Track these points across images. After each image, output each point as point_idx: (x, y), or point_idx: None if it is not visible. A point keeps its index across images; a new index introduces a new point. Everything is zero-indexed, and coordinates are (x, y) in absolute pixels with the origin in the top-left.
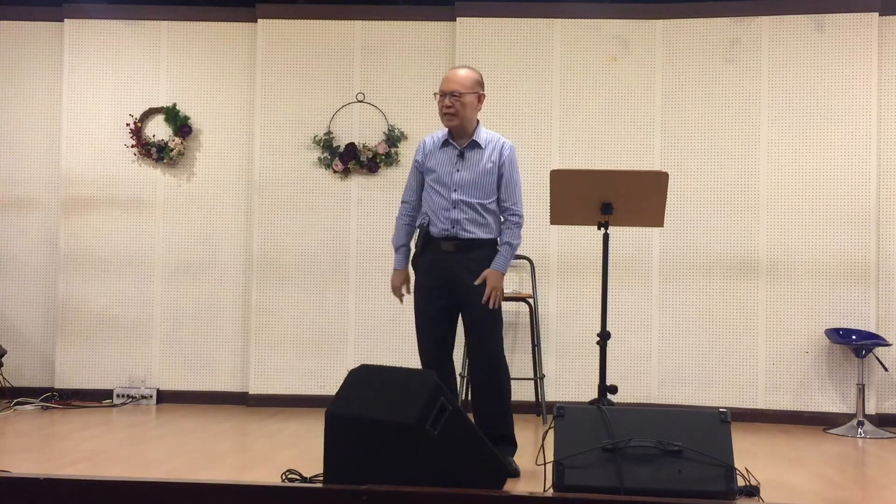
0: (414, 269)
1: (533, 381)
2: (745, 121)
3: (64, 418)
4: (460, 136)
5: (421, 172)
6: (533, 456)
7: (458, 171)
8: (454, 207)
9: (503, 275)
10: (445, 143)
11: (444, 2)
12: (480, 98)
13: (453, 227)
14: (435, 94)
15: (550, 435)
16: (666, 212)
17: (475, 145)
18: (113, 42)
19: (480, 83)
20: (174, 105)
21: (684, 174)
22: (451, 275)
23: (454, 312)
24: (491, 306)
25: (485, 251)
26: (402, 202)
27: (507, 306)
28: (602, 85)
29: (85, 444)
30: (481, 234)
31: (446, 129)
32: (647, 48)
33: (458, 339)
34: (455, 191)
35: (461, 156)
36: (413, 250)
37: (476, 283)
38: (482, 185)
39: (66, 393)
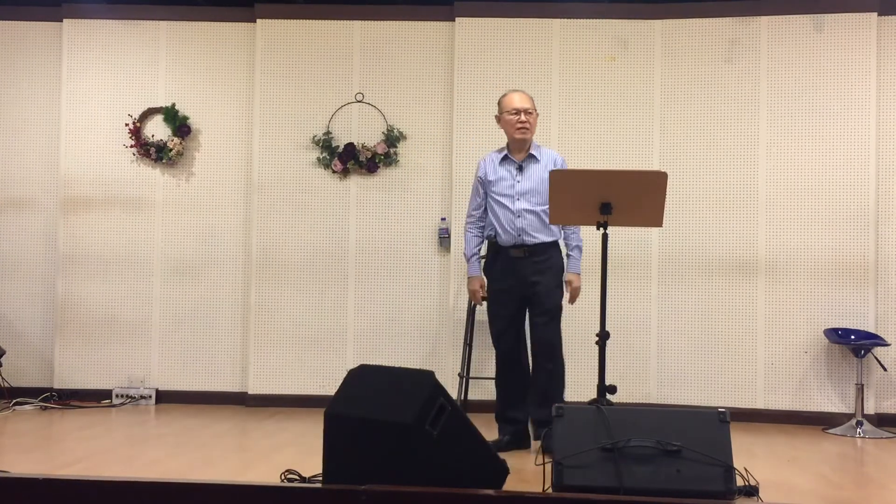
0: (487, 276)
1: None
2: (744, 121)
3: (63, 418)
4: (518, 151)
5: (483, 188)
6: (532, 456)
7: (518, 182)
8: (518, 217)
9: (580, 275)
10: (504, 160)
11: (443, 2)
12: (537, 117)
13: (520, 235)
14: (500, 114)
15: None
16: (665, 212)
17: (532, 158)
18: (112, 42)
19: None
20: (173, 105)
21: (683, 174)
22: (522, 277)
23: (524, 311)
24: (571, 303)
25: (549, 253)
26: (469, 215)
27: None
28: (601, 85)
29: (84, 444)
30: (545, 237)
31: (502, 147)
32: (646, 48)
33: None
34: (518, 200)
35: (520, 169)
36: (483, 258)
37: (567, 295)
38: (542, 192)
39: (64, 393)
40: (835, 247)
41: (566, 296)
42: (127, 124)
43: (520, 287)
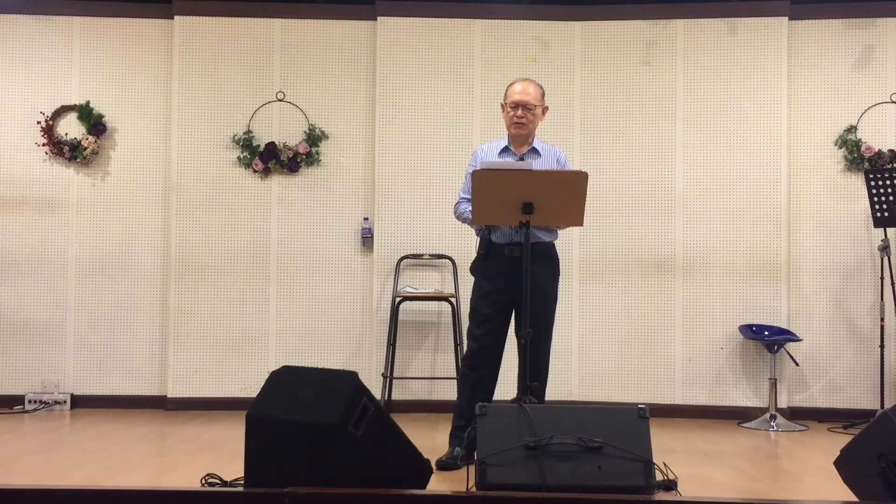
0: (474, 274)
1: (456, 381)
2: (661, 121)
3: None
4: (520, 145)
5: None
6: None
7: None
8: None
9: None
10: (504, 150)
11: (364, 1)
12: (545, 111)
13: (518, 233)
14: (502, 104)
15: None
16: (586, 211)
17: (534, 151)
18: (22, 37)
19: (544, 96)
20: (87, 103)
21: (603, 174)
22: (516, 279)
23: (510, 315)
24: None
25: (549, 254)
26: (462, 199)
27: (428, 306)
28: None
29: None
30: (545, 237)
31: (502, 139)
32: (566, 49)
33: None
34: None
35: (521, 161)
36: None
37: None
38: None
39: None
40: (749, 245)
41: None
42: (39, 122)
43: (513, 289)
